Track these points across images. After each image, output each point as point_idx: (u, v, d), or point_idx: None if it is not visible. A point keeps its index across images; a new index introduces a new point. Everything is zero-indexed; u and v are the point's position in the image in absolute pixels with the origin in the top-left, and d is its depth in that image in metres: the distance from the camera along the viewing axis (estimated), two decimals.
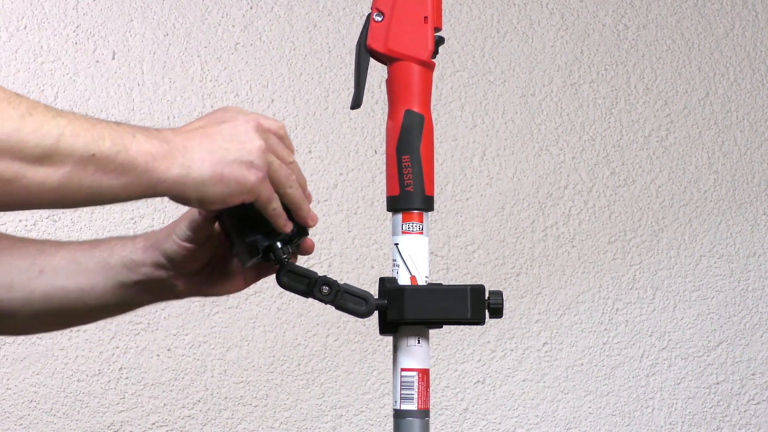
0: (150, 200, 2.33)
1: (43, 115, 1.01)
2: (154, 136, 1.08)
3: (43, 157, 1.01)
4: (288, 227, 1.18)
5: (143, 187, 1.07)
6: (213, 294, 1.30)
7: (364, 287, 1.23)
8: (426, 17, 1.24)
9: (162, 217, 2.35)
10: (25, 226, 2.28)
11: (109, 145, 1.04)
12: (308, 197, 1.21)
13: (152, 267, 1.27)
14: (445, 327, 1.25)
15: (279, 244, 1.20)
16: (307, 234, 1.22)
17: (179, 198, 1.10)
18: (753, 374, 2.63)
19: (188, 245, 1.25)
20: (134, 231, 2.33)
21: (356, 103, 1.25)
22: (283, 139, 1.18)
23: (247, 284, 1.30)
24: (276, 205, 1.16)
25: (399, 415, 1.23)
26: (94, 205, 1.07)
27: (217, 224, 1.24)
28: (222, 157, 1.10)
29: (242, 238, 1.19)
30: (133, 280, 1.28)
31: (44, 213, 2.29)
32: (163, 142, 1.08)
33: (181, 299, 1.32)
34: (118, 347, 2.32)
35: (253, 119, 1.14)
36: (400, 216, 1.24)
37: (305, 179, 1.21)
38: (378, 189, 2.45)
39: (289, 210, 1.18)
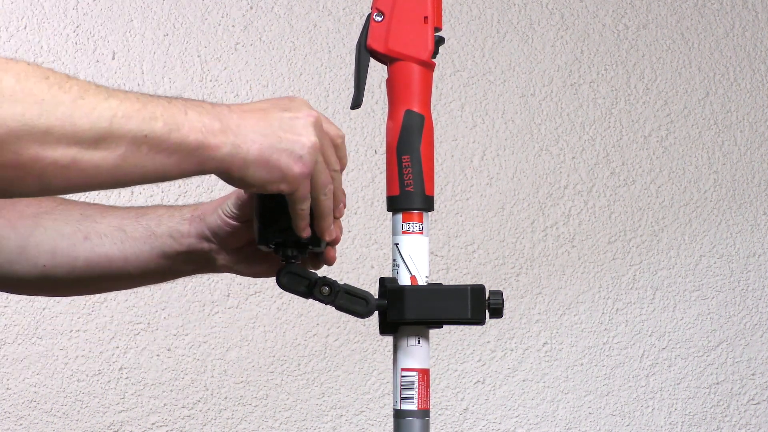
0: (150, 200, 2.33)
1: (95, 97, 1.00)
2: (207, 112, 1.08)
3: (98, 140, 1.00)
4: (305, 232, 1.18)
5: (194, 165, 1.07)
6: (249, 274, 1.31)
7: (364, 287, 1.23)
8: (426, 17, 1.24)
9: None
10: None
11: (161, 125, 1.04)
12: (339, 211, 1.21)
13: (196, 239, 1.28)
14: (445, 327, 1.25)
15: (289, 244, 1.20)
16: (320, 246, 1.22)
17: (224, 175, 1.10)
18: (753, 374, 2.63)
19: (232, 222, 1.26)
20: None
21: (356, 103, 1.25)
22: (337, 148, 1.18)
23: None
24: (306, 206, 1.16)
25: (399, 415, 1.23)
26: (146, 183, 1.07)
27: None
28: (272, 144, 1.10)
29: (259, 224, 1.19)
30: (176, 251, 1.29)
31: None
32: (215, 119, 1.07)
33: (219, 273, 1.32)
34: (118, 347, 2.32)
35: (315, 116, 1.14)
36: (400, 216, 1.24)
37: (344, 194, 1.21)
38: (378, 189, 2.45)
39: (313, 217, 1.19)
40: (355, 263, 2.44)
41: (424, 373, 1.23)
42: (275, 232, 1.19)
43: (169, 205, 1.33)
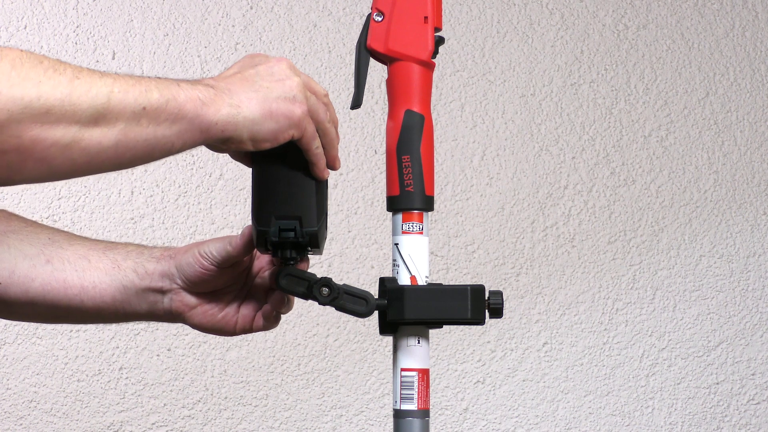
0: (150, 200, 2.33)
1: (90, 76, 1.03)
2: (198, 83, 1.10)
3: (98, 118, 1.02)
4: (326, 174, 1.20)
5: (197, 133, 1.09)
6: (199, 326, 1.29)
7: (364, 287, 1.23)
8: (426, 17, 1.24)
9: (162, 216, 2.35)
10: None
11: (157, 96, 1.06)
12: (336, 137, 1.23)
13: (159, 277, 1.27)
14: (445, 327, 1.25)
15: (287, 246, 1.20)
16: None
17: (233, 139, 1.12)
18: (753, 374, 2.63)
19: (210, 266, 1.25)
20: (134, 231, 2.33)
21: (356, 103, 1.26)
22: (326, 105, 1.20)
23: (237, 331, 1.30)
24: (319, 144, 1.18)
25: (399, 415, 1.23)
26: (151, 160, 1.08)
27: (245, 257, 1.24)
28: (266, 95, 1.13)
29: (257, 226, 1.19)
30: (136, 286, 1.28)
31: (44, 213, 2.29)
32: (207, 87, 1.10)
33: (164, 322, 1.31)
34: (118, 347, 2.32)
35: (284, 60, 1.17)
36: (400, 216, 1.24)
37: (337, 117, 1.23)
38: (378, 189, 2.45)
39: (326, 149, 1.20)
40: (355, 263, 2.44)
41: (424, 373, 1.23)
42: (271, 233, 1.18)
43: (141, 244, 1.32)
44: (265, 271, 1.29)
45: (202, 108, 1.08)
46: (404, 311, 1.21)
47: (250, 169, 1.21)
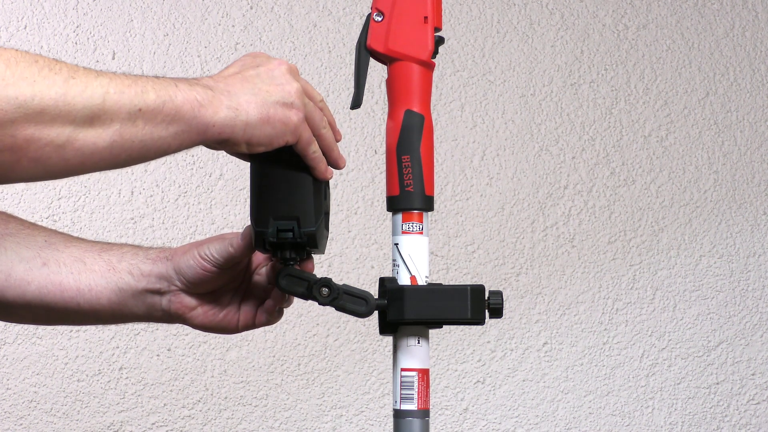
0: (150, 200, 2.33)
1: (85, 76, 1.03)
2: (196, 84, 1.10)
3: (92, 118, 1.02)
4: (329, 174, 1.20)
5: (194, 134, 1.09)
6: (201, 322, 1.29)
7: (364, 287, 1.23)
8: (426, 17, 1.24)
9: (162, 216, 2.34)
10: None
11: (153, 97, 1.05)
12: (338, 136, 1.22)
13: (156, 278, 1.27)
14: (445, 327, 1.25)
15: (286, 246, 1.20)
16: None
17: (228, 142, 1.12)
18: (753, 374, 2.63)
19: (210, 267, 1.25)
20: (134, 231, 2.33)
21: (356, 103, 1.26)
22: (322, 110, 1.20)
23: (240, 328, 1.29)
24: (316, 147, 1.18)
25: (399, 415, 1.23)
26: (147, 160, 1.08)
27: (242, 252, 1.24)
28: (265, 99, 1.12)
29: (255, 227, 1.19)
30: (132, 288, 1.27)
31: (44, 213, 2.29)
32: (206, 89, 1.10)
33: (163, 323, 1.31)
34: (118, 347, 2.32)
35: (285, 63, 1.17)
36: (400, 216, 1.24)
37: (333, 118, 1.23)
38: (378, 189, 2.45)
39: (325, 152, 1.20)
40: (355, 263, 2.44)
41: (424, 373, 1.23)
42: (268, 233, 1.18)
43: (137, 245, 1.32)
44: (262, 267, 1.29)
45: (200, 110, 1.08)
46: (404, 311, 1.21)
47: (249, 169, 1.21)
